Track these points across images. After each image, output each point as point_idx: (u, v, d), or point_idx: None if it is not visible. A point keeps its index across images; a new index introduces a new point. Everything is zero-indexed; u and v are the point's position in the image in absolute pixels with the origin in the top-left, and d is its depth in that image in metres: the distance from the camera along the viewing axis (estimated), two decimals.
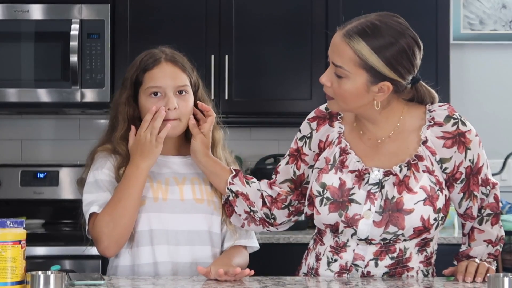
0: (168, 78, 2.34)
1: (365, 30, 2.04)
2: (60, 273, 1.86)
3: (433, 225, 2.11)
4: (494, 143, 4.14)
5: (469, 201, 2.18)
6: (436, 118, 2.15)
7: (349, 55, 2.05)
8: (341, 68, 2.06)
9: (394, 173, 2.11)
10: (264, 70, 3.91)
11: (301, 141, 2.29)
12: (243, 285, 2.05)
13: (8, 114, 4.19)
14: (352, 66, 2.05)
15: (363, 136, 2.20)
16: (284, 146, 4.18)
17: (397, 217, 2.08)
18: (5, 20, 3.80)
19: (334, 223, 2.14)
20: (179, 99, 2.34)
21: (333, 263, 2.18)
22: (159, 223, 2.32)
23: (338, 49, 2.07)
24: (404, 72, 2.08)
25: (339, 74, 2.07)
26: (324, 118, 2.26)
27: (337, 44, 2.08)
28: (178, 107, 2.32)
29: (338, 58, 2.06)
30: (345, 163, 2.16)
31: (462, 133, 2.13)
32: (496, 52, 4.30)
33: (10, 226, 1.85)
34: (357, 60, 2.04)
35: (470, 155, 2.13)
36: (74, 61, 3.72)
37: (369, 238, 2.11)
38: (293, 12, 3.91)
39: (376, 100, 2.09)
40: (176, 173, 2.39)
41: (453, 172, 2.13)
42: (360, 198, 2.11)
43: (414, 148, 2.13)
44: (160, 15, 3.90)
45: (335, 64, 2.07)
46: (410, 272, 2.16)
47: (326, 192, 2.15)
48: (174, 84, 2.34)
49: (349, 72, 2.05)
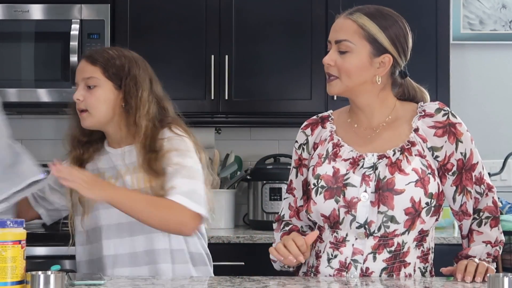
0: (79, 73, 2.47)
1: (367, 10, 2.20)
2: (60, 273, 1.86)
3: (424, 209, 2.14)
4: (494, 143, 4.15)
5: (463, 196, 2.21)
6: (427, 110, 2.23)
7: (353, 28, 2.17)
8: (346, 41, 2.17)
9: (388, 156, 2.17)
10: (264, 70, 3.91)
11: (299, 149, 2.33)
12: (243, 285, 2.05)
13: (8, 114, 4.18)
14: (356, 38, 2.16)
15: (357, 128, 2.26)
16: (284, 146, 4.20)
17: (386, 197, 2.12)
18: (5, 20, 3.80)
19: (332, 212, 2.16)
20: (87, 92, 2.44)
21: (333, 260, 2.19)
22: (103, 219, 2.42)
23: (341, 26, 2.19)
24: (401, 50, 2.20)
25: (343, 49, 2.17)
26: (316, 122, 2.33)
27: (340, 23, 2.21)
28: (84, 99, 2.43)
29: (342, 33, 2.18)
30: (338, 154, 2.22)
31: (453, 124, 2.20)
32: (496, 52, 4.30)
33: (10, 226, 1.85)
34: (361, 32, 2.16)
35: (461, 148, 2.19)
36: (74, 61, 3.72)
37: (368, 222, 2.13)
38: (293, 12, 3.91)
39: (378, 75, 2.18)
40: (120, 165, 2.45)
41: (444, 161, 2.19)
42: (355, 182, 2.16)
43: (406, 135, 2.21)
44: (160, 15, 3.90)
45: (339, 40, 2.18)
46: (407, 267, 2.17)
47: (321, 181, 2.19)
48: (82, 76, 2.46)
49: (354, 44, 2.16)
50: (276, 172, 3.91)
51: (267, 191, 3.89)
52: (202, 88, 3.86)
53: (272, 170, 3.96)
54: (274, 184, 3.90)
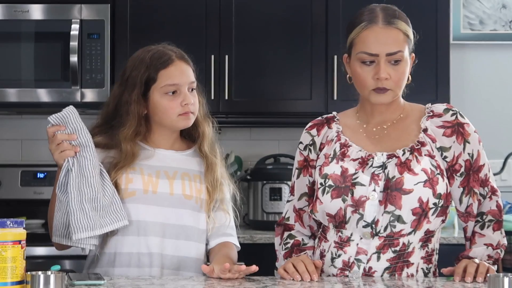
0: (184, 76, 2.40)
1: (394, 12, 2.19)
2: (60, 273, 1.86)
3: (431, 210, 2.13)
4: (494, 143, 4.14)
5: (469, 198, 2.21)
6: (436, 111, 2.23)
7: (401, 37, 2.17)
8: (400, 52, 2.15)
9: (397, 156, 2.17)
10: (264, 70, 3.91)
11: (305, 150, 2.32)
12: (243, 285, 2.05)
13: (8, 114, 4.19)
14: (405, 46, 2.17)
15: (366, 128, 2.25)
16: (284, 146, 4.20)
17: (394, 196, 2.12)
18: (5, 20, 3.80)
19: (338, 211, 2.16)
20: (191, 95, 2.41)
21: (336, 259, 2.19)
22: (147, 215, 2.35)
23: (389, 37, 2.15)
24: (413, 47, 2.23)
25: (398, 58, 2.15)
26: (322, 123, 2.32)
27: (386, 34, 2.15)
28: (193, 103, 2.40)
29: (394, 44, 2.15)
30: (346, 154, 2.21)
31: (461, 124, 2.20)
32: (496, 52, 4.30)
33: (10, 226, 1.85)
34: (406, 39, 2.18)
35: (469, 148, 2.19)
36: (74, 61, 3.72)
37: (376, 221, 2.13)
38: (293, 12, 3.91)
39: (409, 74, 2.21)
40: (167, 167, 2.42)
41: (452, 162, 2.19)
42: (364, 181, 2.15)
43: (416, 135, 2.20)
44: (160, 15, 3.90)
45: (392, 53, 2.14)
46: (410, 268, 2.17)
47: (328, 181, 2.18)
48: (188, 80, 2.41)
49: (404, 53, 2.16)
50: (276, 172, 3.91)
51: (267, 191, 3.89)
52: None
53: (272, 170, 3.95)
54: (274, 184, 3.90)
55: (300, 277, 2.10)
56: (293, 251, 2.29)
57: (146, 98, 2.40)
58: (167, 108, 2.38)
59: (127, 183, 2.36)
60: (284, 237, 2.34)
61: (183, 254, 2.38)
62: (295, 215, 2.34)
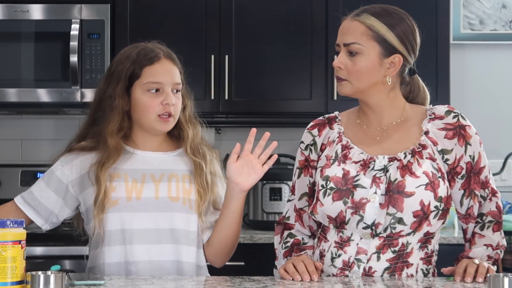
0: (168, 75, 2.37)
1: (374, 10, 2.17)
2: (60, 273, 1.86)
3: (433, 213, 2.13)
4: (494, 143, 4.14)
5: (470, 200, 2.21)
6: (437, 113, 2.22)
7: (361, 29, 2.15)
8: (355, 43, 2.14)
9: (399, 159, 2.16)
10: (264, 70, 3.91)
11: (306, 150, 2.32)
12: (243, 285, 2.05)
13: (8, 114, 4.19)
14: (365, 40, 2.14)
15: (367, 129, 2.24)
16: (284, 146, 4.19)
17: (396, 199, 2.12)
18: (5, 20, 3.80)
19: (339, 213, 2.16)
20: (175, 96, 2.37)
21: (336, 259, 2.19)
22: (133, 223, 2.32)
23: (349, 28, 2.17)
24: (410, 48, 2.19)
25: (353, 50, 2.15)
26: (323, 123, 2.31)
27: (347, 25, 2.18)
28: (175, 104, 2.35)
29: (350, 35, 2.15)
30: (348, 156, 2.20)
31: (463, 126, 2.20)
32: (496, 52, 4.30)
33: (10, 226, 1.85)
34: (369, 33, 2.15)
35: (470, 151, 2.19)
36: (74, 61, 3.72)
37: (376, 223, 2.13)
38: (293, 12, 3.91)
39: (388, 75, 2.17)
40: (154, 169, 2.38)
41: (454, 164, 2.19)
42: (365, 183, 2.15)
43: (417, 138, 2.19)
44: (160, 15, 3.90)
45: (347, 43, 2.15)
46: (410, 268, 2.17)
47: (330, 183, 2.18)
48: (172, 81, 2.37)
49: (363, 46, 2.14)
50: (276, 172, 3.91)
51: (267, 191, 3.89)
52: (202, 88, 3.86)
53: (272, 170, 3.90)
54: (274, 184, 3.90)
55: (300, 277, 2.10)
56: (293, 250, 2.29)
57: (128, 94, 2.36)
58: (147, 106, 2.34)
59: (110, 191, 2.32)
60: (284, 236, 2.34)
61: (173, 258, 2.33)
62: (296, 214, 2.34)
